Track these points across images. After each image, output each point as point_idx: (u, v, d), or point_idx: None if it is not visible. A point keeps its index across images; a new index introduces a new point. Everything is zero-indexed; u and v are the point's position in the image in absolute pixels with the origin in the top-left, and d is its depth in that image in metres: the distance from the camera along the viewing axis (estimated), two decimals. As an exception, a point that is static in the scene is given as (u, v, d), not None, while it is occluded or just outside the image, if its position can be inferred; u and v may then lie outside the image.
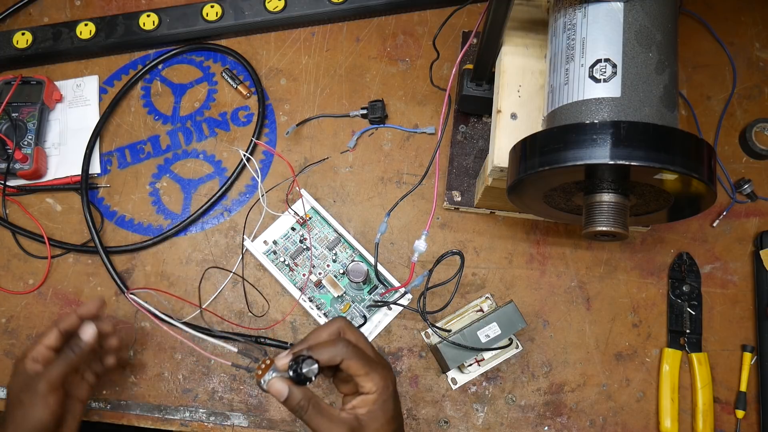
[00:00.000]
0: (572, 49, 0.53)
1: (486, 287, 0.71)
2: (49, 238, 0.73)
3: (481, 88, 0.69)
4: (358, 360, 0.49)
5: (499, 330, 0.64)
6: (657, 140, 0.46)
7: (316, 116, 0.77)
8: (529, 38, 0.63)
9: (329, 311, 0.70)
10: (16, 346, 0.71)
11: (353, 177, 0.75)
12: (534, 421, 0.68)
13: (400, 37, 0.80)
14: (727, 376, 0.69)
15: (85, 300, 0.72)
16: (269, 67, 0.79)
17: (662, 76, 0.51)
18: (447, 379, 0.69)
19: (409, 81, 0.78)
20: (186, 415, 0.69)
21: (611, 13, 0.51)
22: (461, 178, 0.73)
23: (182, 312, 0.71)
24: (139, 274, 0.72)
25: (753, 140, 0.74)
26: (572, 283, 0.71)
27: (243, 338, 0.69)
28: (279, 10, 0.78)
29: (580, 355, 0.70)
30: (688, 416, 0.68)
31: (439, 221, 0.73)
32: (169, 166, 0.76)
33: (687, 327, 0.70)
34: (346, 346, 0.49)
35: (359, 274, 0.66)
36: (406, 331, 0.70)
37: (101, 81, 0.79)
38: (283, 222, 0.73)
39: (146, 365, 0.70)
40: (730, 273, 0.72)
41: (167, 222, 0.74)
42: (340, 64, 0.79)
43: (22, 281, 0.73)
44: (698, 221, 0.73)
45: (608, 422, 0.68)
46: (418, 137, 0.76)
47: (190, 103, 0.78)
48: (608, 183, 0.50)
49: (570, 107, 0.52)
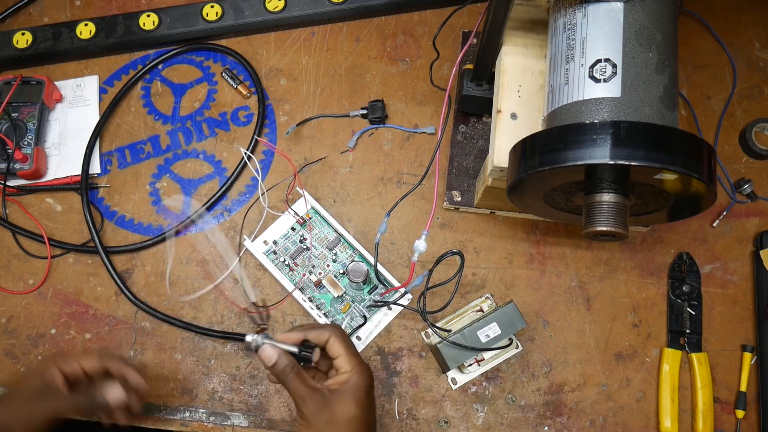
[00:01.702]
0: (572, 49, 0.53)
1: (486, 287, 0.71)
2: (49, 238, 0.73)
3: (481, 88, 0.69)
4: (342, 342, 0.54)
5: (499, 330, 0.64)
6: (657, 140, 0.46)
7: (316, 116, 0.77)
8: (529, 38, 0.63)
9: (329, 311, 0.70)
10: (16, 346, 0.71)
11: (353, 177, 0.75)
12: (534, 421, 0.68)
13: (400, 37, 0.80)
14: (727, 376, 0.69)
15: (84, 300, 0.72)
16: (269, 67, 0.79)
17: (662, 76, 0.51)
18: (447, 379, 0.69)
19: (409, 81, 0.78)
20: (186, 415, 0.69)
21: (611, 13, 0.51)
22: (461, 178, 0.73)
23: (182, 312, 0.71)
24: (139, 274, 0.72)
25: (753, 140, 0.74)
26: (572, 283, 0.71)
27: (243, 336, 0.69)
28: (279, 10, 0.78)
29: (580, 355, 0.70)
30: (688, 416, 0.68)
31: (439, 221, 0.73)
32: (169, 166, 0.76)
33: (687, 327, 0.70)
34: (335, 330, 0.55)
35: (359, 274, 0.66)
36: (406, 331, 0.70)
37: (101, 81, 0.79)
38: (283, 222, 0.73)
39: (146, 365, 0.70)
40: (730, 273, 0.72)
41: (167, 222, 0.74)
42: (340, 64, 0.79)
43: (22, 281, 0.73)
44: (698, 221, 0.73)
45: (608, 422, 0.68)
46: (418, 137, 0.76)
47: (190, 103, 0.78)
48: (608, 183, 0.50)
49: (570, 107, 0.52)
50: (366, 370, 0.54)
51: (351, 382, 0.53)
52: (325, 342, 0.54)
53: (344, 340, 0.55)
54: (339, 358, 0.54)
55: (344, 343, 0.55)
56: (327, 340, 0.54)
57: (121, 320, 0.71)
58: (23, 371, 0.69)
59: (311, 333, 0.54)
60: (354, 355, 0.54)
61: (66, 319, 0.71)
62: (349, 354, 0.54)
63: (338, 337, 0.54)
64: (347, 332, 0.68)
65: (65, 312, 0.72)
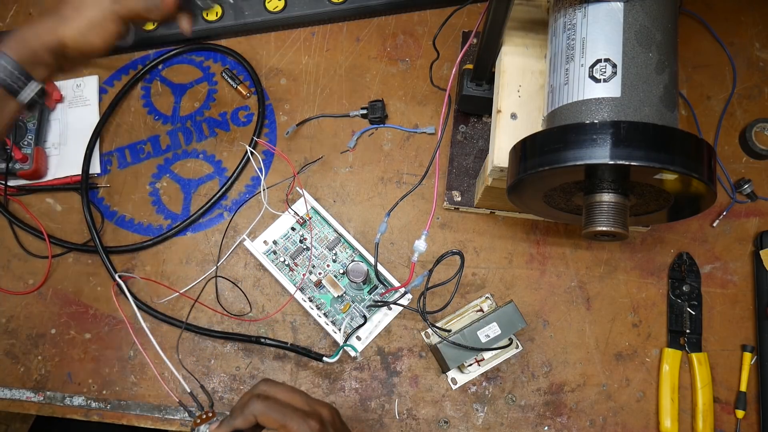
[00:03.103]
0: (572, 49, 0.53)
1: (486, 287, 0.71)
2: (49, 235, 0.72)
3: (481, 88, 0.69)
4: (270, 413, 0.48)
5: (499, 330, 0.64)
6: (657, 140, 0.46)
7: (316, 116, 0.77)
8: (529, 38, 0.63)
9: (329, 311, 0.70)
10: (16, 346, 0.71)
11: (353, 177, 0.75)
12: (534, 421, 0.68)
13: (400, 37, 0.80)
14: (727, 376, 0.69)
15: (85, 300, 0.72)
16: (269, 67, 0.79)
17: (662, 76, 0.51)
18: (447, 379, 0.69)
19: (409, 81, 0.78)
20: (186, 415, 0.69)
21: (611, 13, 0.51)
22: (461, 178, 0.73)
23: (182, 312, 0.71)
24: (139, 274, 0.72)
25: (753, 140, 0.74)
26: (572, 283, 0.71)
27: (243, 336, 0.69)
28: (279, 10, 0.78)
29: (580, 355, 0.70)
30: (688, 416, 0.68)
31: (439, 221, 0.73)
32: (169, 166, 0.76)
33: (687, 327, 0.70)
34: (256, 402, 0.49)
35: (359, 274, 0.66)
36: (406, 331, 0.70)
37: (101, 81, 0.79)
38: (283, 222, 0.73)
39: (146, 365, 0.70)
40: (730, 273, 0.72)
41: (167, 222, 0.74)
42: (340, 64, 0.79)
43: (23, 281, 0.73)
44: (698, 221, 0.73)
45: (608, 422, 0.68)
46: (418, 137, 0.76)
47: (190, 103, 0.78)
48: (608, 183, 0.50)
49: (570, 107, 0.52)
50: (309, 429, 0.48)
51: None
52: (254, 423, 0.49)
53: (271, 409, 0.48)
54: (278, 431, 0.48)
55: (273, 413, 0.48)
56: (254, 421, 0.49)
57: (121, 320, 0.71)
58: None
59: (236, 420, 0.49)
60: (291, 417, 0.48)
61: (66, 319, 0.71)
62: (284, 420, 0.48)
63: (264, 411, 0.48)
64: (349, 331, 0.68)
65: (65, 312, 0.72)
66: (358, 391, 0.69)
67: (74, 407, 0.69)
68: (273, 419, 0.48)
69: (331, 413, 0.51)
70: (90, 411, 0.69)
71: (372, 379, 0.69)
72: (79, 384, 0.70)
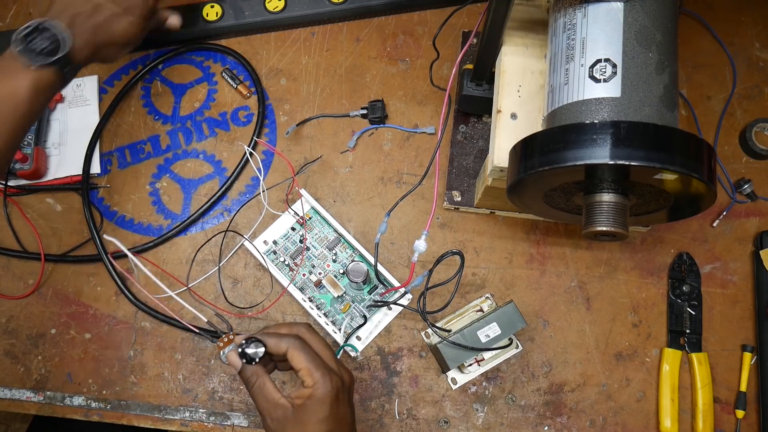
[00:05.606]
0: (572, 49, 0.53)
1: (486, 287, 0.71)
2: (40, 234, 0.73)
3: (481, 88, 0.69)
4: (301, 354, 0.51)
5: (499, 330, 0.64)
6: (657, 140, 0.46)
7: (316, 116, 0.77)
8: (529, 38, 0.63)
9: (329, 311, 0.70)
10: (16, 346, 0.71)
11: (353, 177, 0.75)
12: (534, 421, 0.68)
13: (400, 37, 0.80)
14: (727, 376, 0.69)
15: (85, 300, 0.72)
16: (269, 67, 0.79)
17: (662, 76, 0.51)
18: (447, 379, 0.69)
19: (409, 81, 0.78)
20: (186, 415, 0.69)
21: (611, 13, 0.51)
22: (461, 178, 0.73)
23: (182, 312, 0.71)
24: (140, 274, 0.72)
25: (753, 140, 0.74)
26: (572, 283, 0.71)
27: None
28: (279, 10, 0.78)
29: (580, 355, 0.70)
30: (688, 416, 0.68)
31: (439, 221, 0.73)
32: (169, 166, 0.76)
33: (687, 327, 0.70)
34: (294, 339, 0.52)
35: (359, 274, 0.66)
36: (406, 331, 0.70)
37: (101, 81, 0.79)
38: (283, 222, 0.73)
39: (146, 365, 0.70)
40: (730, 273, 0.72)
41: (167, 222, 0.74)
42: (340, 64, 0.79)
43: (23, 281, 0.73)
44: (698, 221, 0.73)
45: (608, 422, 0.68)
46: (418, 137, 0.76)
47: (190, 103, 0.78)
48: (608, 183, 0.50)
49: (570, 107, 0.52)
50: (329, 382, 0.51)
51: (314, 397, 0.50)
52: (282, 354, 0.52)
53: (304, 351, 0.51)
54: (300, 371, 0.51)
55: (304, 354, 0.51)
56: (284, 352, 0.52)
57: (121, 320, 0.71)
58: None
59: (270, 340, 0.52)
60: (317, 366, 0.51)
61: (66, 319, 0.71)
62: (310, 366, 0.51)
63: (297, 349, 0.51)
64: (349, 331, 0.68)
65: (65, 312, 0.72)
66: (358, 391, 0.69)
67: (74, 407, 0.69)
68: (302, 359, 0.51)
69: (351, 381, 0.54)
70: (90, 411, 0.69)
71: (372, 379, 0.69)
72: (79, 384, 0.70)
